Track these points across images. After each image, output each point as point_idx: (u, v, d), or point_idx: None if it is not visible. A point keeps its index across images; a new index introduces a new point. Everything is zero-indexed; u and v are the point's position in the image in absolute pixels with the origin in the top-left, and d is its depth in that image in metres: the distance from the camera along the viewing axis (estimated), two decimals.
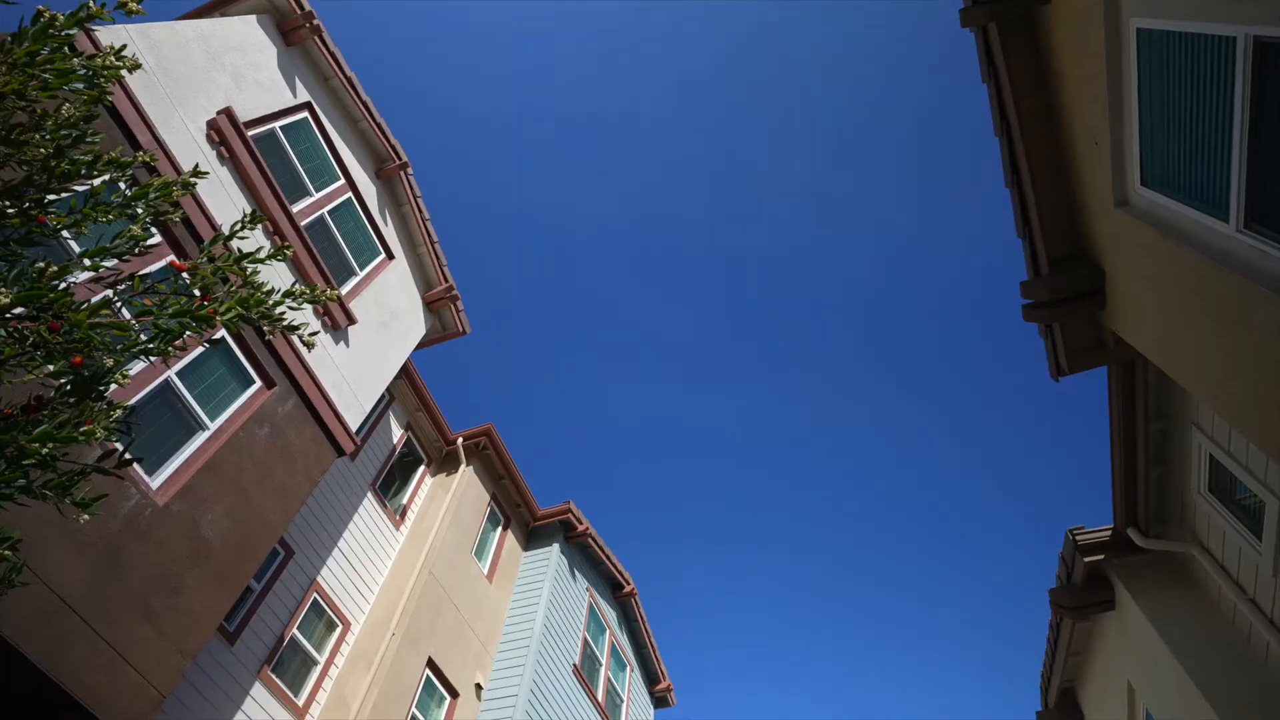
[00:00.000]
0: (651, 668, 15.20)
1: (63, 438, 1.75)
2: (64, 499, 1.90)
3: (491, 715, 9.94)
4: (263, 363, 7.09)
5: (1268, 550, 5.06)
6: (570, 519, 12.97)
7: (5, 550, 1.78)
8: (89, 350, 1.83)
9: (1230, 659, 5.62)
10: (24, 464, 1.73)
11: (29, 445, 1.70)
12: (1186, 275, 3.49)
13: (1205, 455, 5.55)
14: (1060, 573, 6.98)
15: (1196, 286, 3.44)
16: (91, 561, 5.04)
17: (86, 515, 1.98)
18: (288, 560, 8.26)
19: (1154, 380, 5.61)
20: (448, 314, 10.73)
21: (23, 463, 1.73)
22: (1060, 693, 8.79)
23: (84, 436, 1.82)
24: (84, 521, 1.93)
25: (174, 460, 6.05)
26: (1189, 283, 3.49)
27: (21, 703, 4.77)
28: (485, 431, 11.99)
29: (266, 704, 7.48)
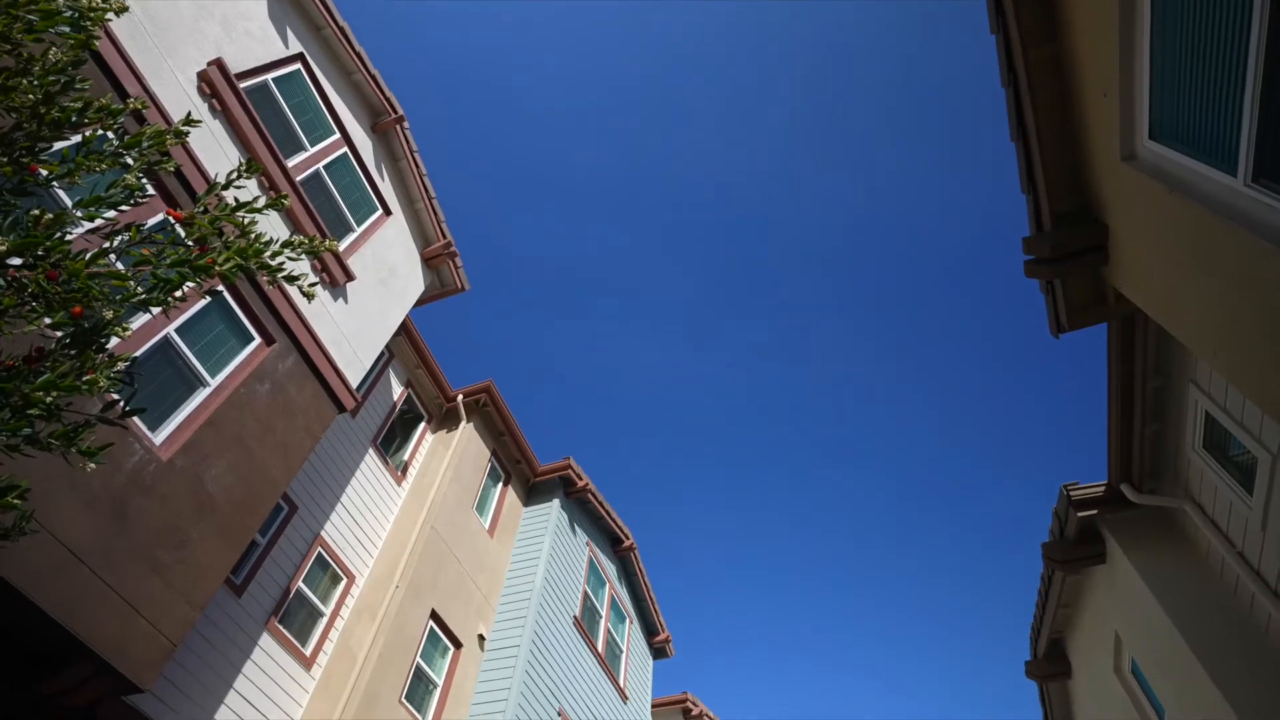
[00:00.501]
0: (650, 620, 15.54)
1: (66, 387, 1.75)
2: (70, 448, 1.91)
3: (494, 665, 10.19)
4: (262, 319, 7.07)
5: (1258, 505, 5.14)
6: (570, 475, 13.11)
7: (14, 499, 1.80)
8: (88, 301, 1.82)
9: (1216, 610, 5.75)
10: (29, 413, 1.73)
11: (33, 394, 1.70)
12: (1191, 230, 3.46)
13: (1201, 412, 5.59)
14: (1053, 527, 7.09)
15: (1200, 241, 3.41)
16: (98, 515, 5.11)
17: (93, 464, 1.99)
18: (291, 515, 8.37)
19: (1153, 337, 5.62)
20: (446, 270, 10.67)
21: (28, 412, 1.73)
22: (1049, 643, 9.01)
23: (87, 386, 1.82)
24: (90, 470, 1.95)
25: (176, 416, 6.08)
26: (1193, 237, 3.47)
27: (36, 652, 4.89)
28: (485, 388, 12.03)
29: (275, 653, 7.66)
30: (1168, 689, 6.19)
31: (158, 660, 5.32)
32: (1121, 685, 7.31)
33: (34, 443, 1.90)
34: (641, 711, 14.04)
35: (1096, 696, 8.22)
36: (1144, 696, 6.99)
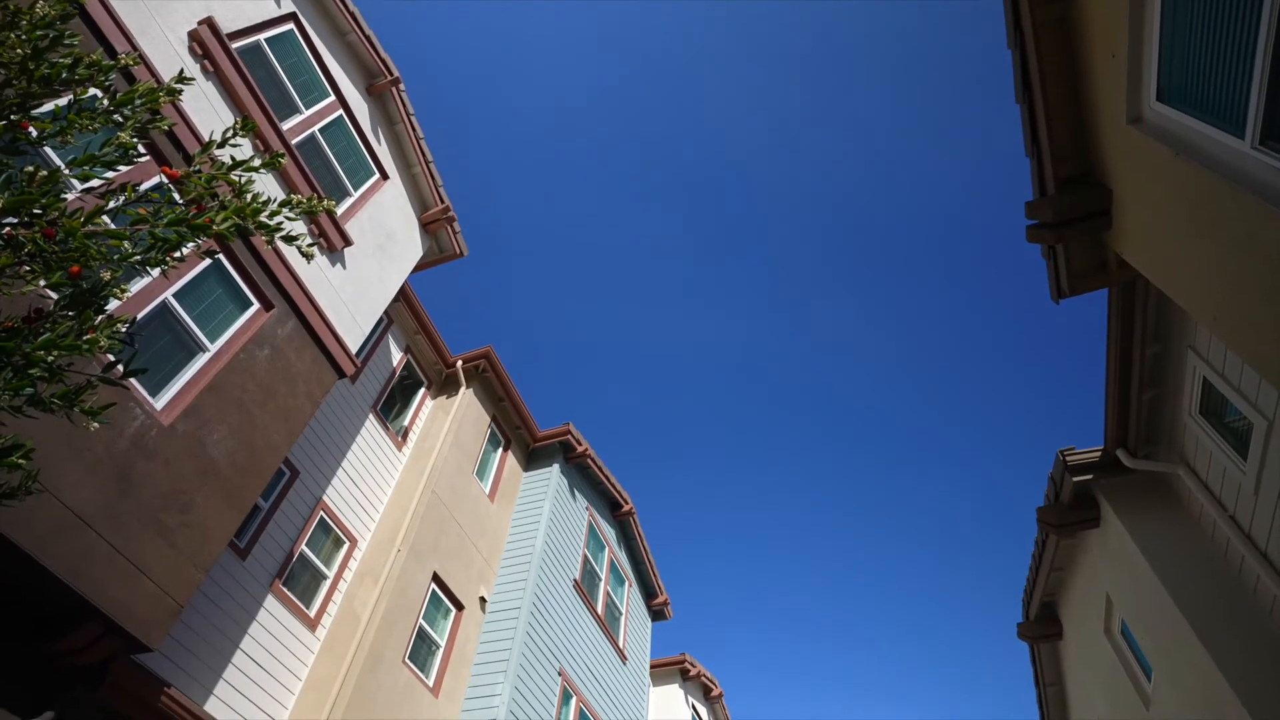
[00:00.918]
0: (649, 583, 15.76)
1: (67, 346, 1.75)
2: (72, 408, 1.91)
3: (496, 626, 10.36)
4: (260, 285, 7.04)
5: (1251, 470, 5.18)
6: (570, 440, 13.18)
7: (19, 459, 1.81)
8: (85, 260, 1.80)
9: (1206, 572, 5.84)
10: (30, 373, 1.73)
11: (34, 354, 1.70)
12: (1196, 193, 3.43)
13: (1199, 378, 5.61)
14: (1049, 492, 7.16)
15: (1205, 205, 3.39)
16: (102, 479, 5.15)
17: (96, 424, 2.00)
18: (293, 480, 8.43)
19: (1153, 303, 5.62)
20: (444, 235, 10.60)
21: (29, 371, 1.73)
22: (1041, 606, 9.16)
23: (88, 346, 1.82)
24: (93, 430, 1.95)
25: (176, 381, 6.09)
26: (1197, 201, 3.44)
27: (46, 612, 4.96)
28: (484, 354, 12.04)
29: (280, 615, 7.78)
30: (1156, 649, 6.32)
31: (165, 620, 5.41)
32: (1110, 646, 7.45)
33: (37, 404, 1.90)
34: (640, 672, 14.33)
35: (1086, 657, 8.39)
36: (1132, 656, 7.14)
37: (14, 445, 1.80)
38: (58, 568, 4.69)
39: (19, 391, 1.74)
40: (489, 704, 9.32)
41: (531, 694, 9.93)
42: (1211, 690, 5.34)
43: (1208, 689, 5.40)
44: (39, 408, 1.91)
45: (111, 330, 1.87)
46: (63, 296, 1.91)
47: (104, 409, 1.96)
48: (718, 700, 20.21)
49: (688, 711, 18.26)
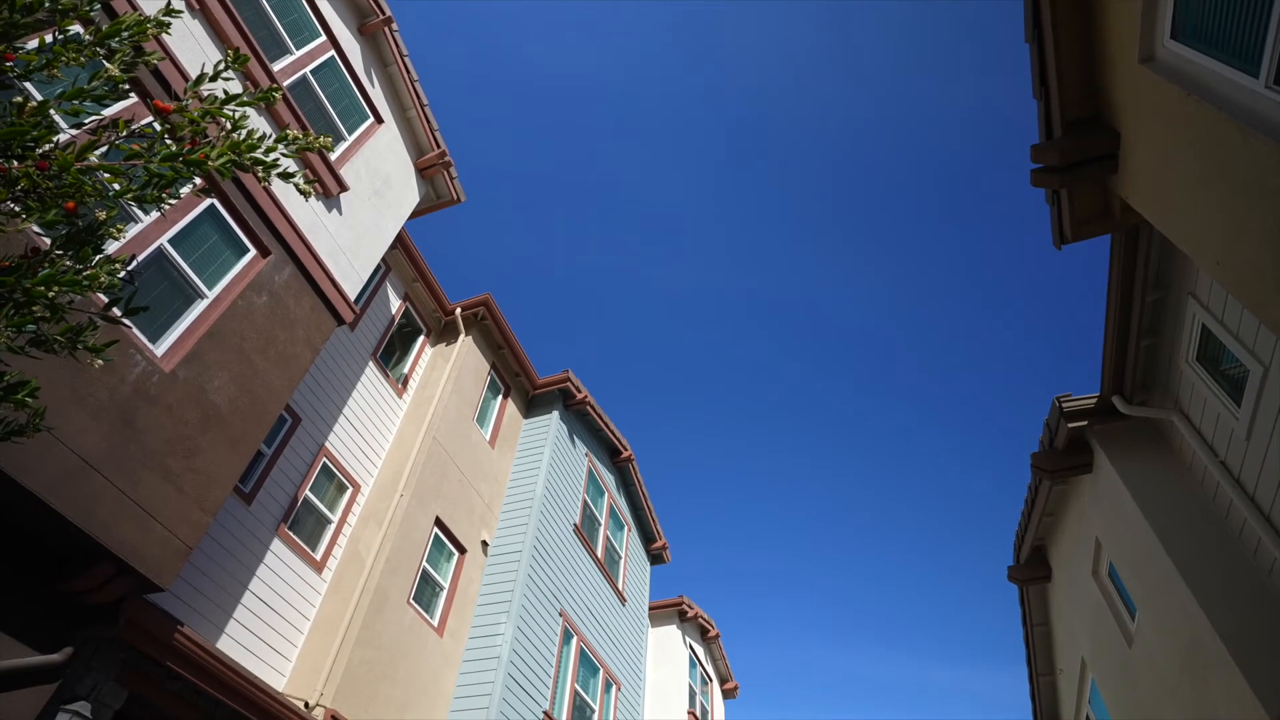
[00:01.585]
0: (648, 528, 16.06)
1: (67, 281, 1.74)
2: (75, 346, 1.91)
3: (498, 569, 10.60)
4: (256, 231, 6.97)
5: (1245, 416, 5.24)
6: (569, 387, 13.25)
7: (25, 396, 1.82)
8: (81, 196, 1.78)
9: (1194, 516, 5.95)
10: (31, 309, 1.73)
11: (35, 289, 1.69)
12: (1205, 135, 3.38)
13: (1198, 325, 5.62)
14: (1043, 438, 7.24)
15: (1214, 147, 3.34)
16: (106, 425, 5.19)
17: (100, 361, 2.00)
18: (295, 427, 8.50)
19: (1156, 250, 5.59)
20: (441, 181, 10.45)
21: (30, 308, 1.72)
22: (1032, 550, 9.36)
23: (88, 282, 1.81)
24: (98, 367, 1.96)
25: (176, 328, 6.09)
26: (1207, 143, 3.39)
27: (59, 554, 5.06)
28: (483, 301, 12.00)
29: (286, 558, 7.94)
30: (1141, 590, 6.48)
31: (174, 561, 5.52)
32: (1097, 587, 7.65)
33: (39, 344, 1.91)
34: (639, 613, 14.72)
35: (1073, 598, 8.62)
36: (1118, 597, 7.33)
37: (20, 382, 1.81)
38: (68, 510, 4.77)
39: (21, 329, 1.74)
40: (492, 643, 9.60)
41: (534, 633, 10.23)
42: (1193, 628, 5.51)
43: (1190, 627, 5.57)
44: (41, 348, 1.91)
45: (111, 268, 1.86)
46: (59, 236, 1.89)
47: (107, 346, 1.96)
48: (714, 640, 20.83)
49: (685, 651, 18.84)
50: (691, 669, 18.98)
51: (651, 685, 17.45)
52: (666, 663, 18.24)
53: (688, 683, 18.30)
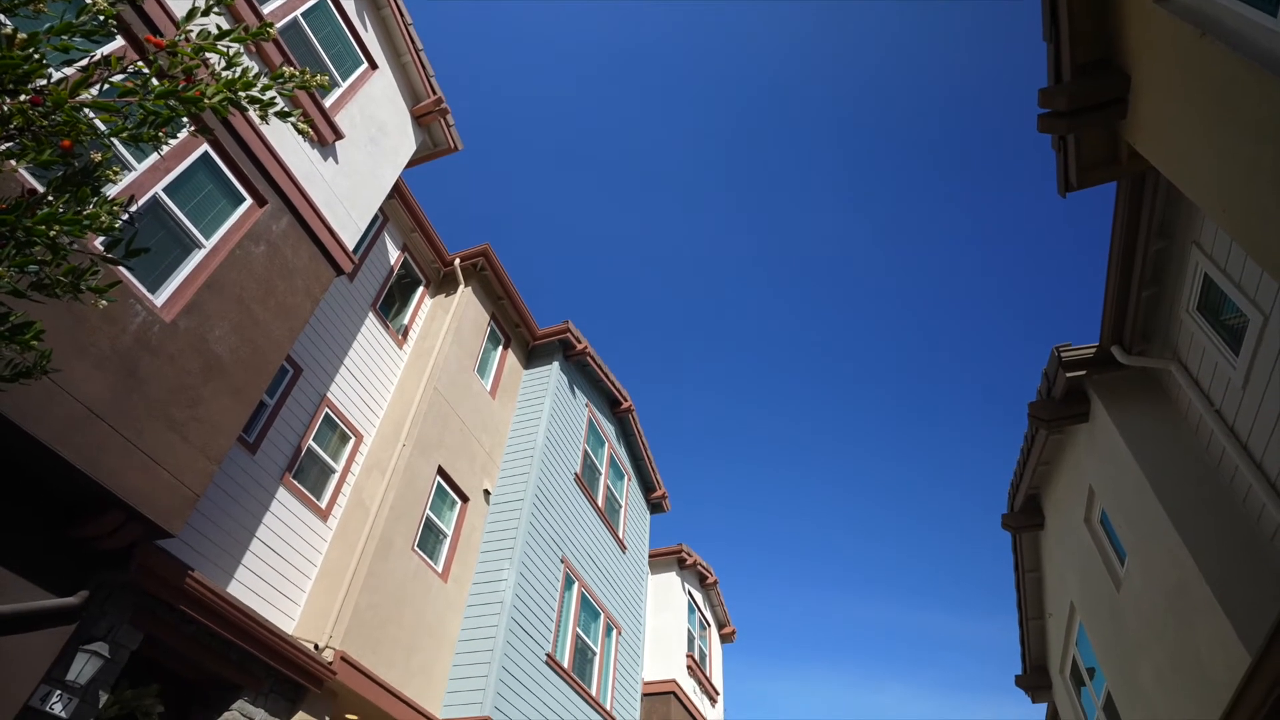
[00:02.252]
0: (648, 477, 16.27)
1: (68, 220, 1.73)
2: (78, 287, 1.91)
3: (500, 517, 10.78)
4: (251, 180, 6.89)
5: (1242, 365, 5.26)
6: (569, 338, 13.26)
7: (30, 339, 1.82)
8: (76, 134, 1.75)
9: (1187, 464, 6.03)
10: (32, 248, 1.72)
11: (35, 228, 1.68)
12: (1219, 76, 3.31)
13: (1200, 274, 5.61)
14: (1041, 388, 7.28)
15: (1227, 88, 3.28)
16: (110, 375, 5.21)
17: (104, 302, 2.00)
18: (297, 377, 8.54)
19: (1161, 198, 5.53)
20: (438, 128, 10.27)
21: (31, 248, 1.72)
22: (1026, 498, 9.51)
23: (88, 222, 1.79)
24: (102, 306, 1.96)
25: (175, 277, 6.06)
26: (1220, 85, 3.33)
27: (69, 501, 5.14)
28: (482, 252, 11.92)
29: (291, 506, 8.07)
30: (1132, 536, 6.61)
31: (182, 508, 5.61)
32: (1089, 534, 7.80)
33: (40, 288, 1.90)
34: (639, 560, 15.03)
35: (1064, 545, 8.79)
36: (1109, 542, 7.48)
37: (25, 323, 1.81)
38: (75, 459, 4.83)
39: (23, 269, 1.73)
40: (496, 589, 9.82)
41: (536, 579, 10.46)
42: (1180, 572, 5.64)
43: (1177, 571, 5.70)
44: (43, 291, 1.91)
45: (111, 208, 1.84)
46: (55, 178, 1.86)
47: (110, 286, 1.96)
48: (713, 587, 21.30)
49: (684, 597, 19.30)
50: (690, 614, 19.47)
51: (651, 630, 17.93)
52: (666, 608, 18.70)
53: (686, 627, 18.79)
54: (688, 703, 17.48)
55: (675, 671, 17.47)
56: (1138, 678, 7.03)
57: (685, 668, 17.98)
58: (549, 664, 10.25)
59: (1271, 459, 5.09)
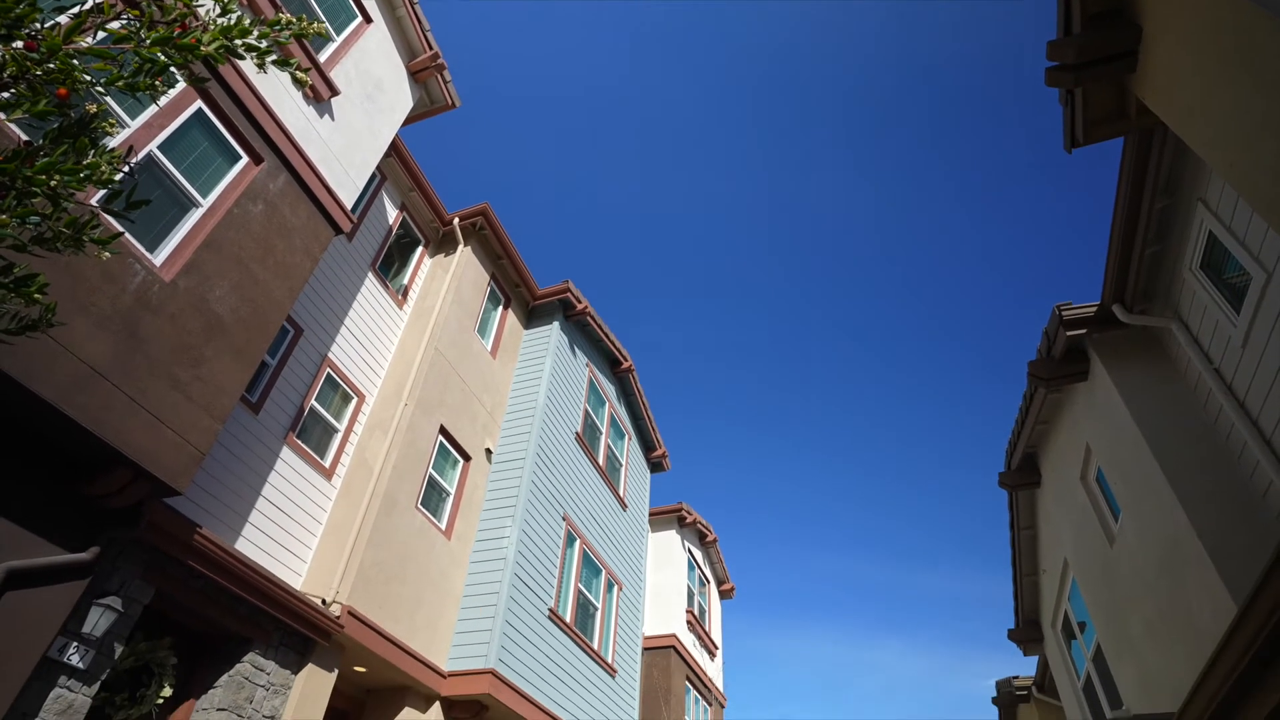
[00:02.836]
0: (648, 437, 16.40)
1: (68, 170, 1.71)
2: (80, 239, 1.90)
3: (502, 476, 10.90)
4: (247, 137, 6.80)
5: (1243, 323, 5.27)
6: (569, 298, 13.24)
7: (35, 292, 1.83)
8: (72, 82, 1.73)
9: (1184, 421, 6.08)
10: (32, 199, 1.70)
11: (36, 177, 1.66)
12: (1231, 26, 3.25)
13: (1205, 232, 5.57)
14: (1041, 347, 7.29)
15: (1241, 39, 3.22)
16: (111, 334, 5.22)
17: (107, 254, 2.00)
18: (298, 338, 8.54)
19: (1168, 156, 5.47)
20: (434, 85, 10.09)
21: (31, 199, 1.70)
22: (1023, 457, 9.59)
23: (89, 171, 1.78)
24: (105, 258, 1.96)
25: (173, 237, 6.03)
26: (1234, 35, 3.27)
27: (77, 459, 5.20)
28: (481, 211, 11.82)
29: (296, 465, 8.15)
30: (1127, 492, 6.69)
31: (188, 466, 5.67)
32: (1085, 491, 7.89)
33: (41, 242, 1.90)
34: (640, 518, 15.23)
35: (1060, 502, 8.91)
36: (1104, 500, 7.58)
37: (29, 275, 1.81)
38: (81, 417, 4.86)
39: (25, 220, 1.73)
40: (499, 545, 9.98)
41: (538, 536, 10.62)
42: (1173, 527, 5.72)
43: (1170, 526, 5.79)
44: (44, 246, 1.90)
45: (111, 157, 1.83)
46: (51, 130, 1.84)
47: (113, 238, 1.95)
48: (712, 545, 21.65)
49: (684, 555, 19.63)
50: (690, 571, 19.82)
51: (652, 586, 18.27)
52: (666, 565, 19.03)
53: (686, 584, 19.14)
54: (687, 656, 17.90)
55: (675, 626, 17.86)
56: (1128, 630, 7.19)
57: (685, 623, 18.38)
58: (552, 618, 10.47)
59: (1268, 416, 5.13)
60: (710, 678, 19.42)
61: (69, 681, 5.06)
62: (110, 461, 5.20)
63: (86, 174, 1.77)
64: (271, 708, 6.70)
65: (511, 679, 9.10)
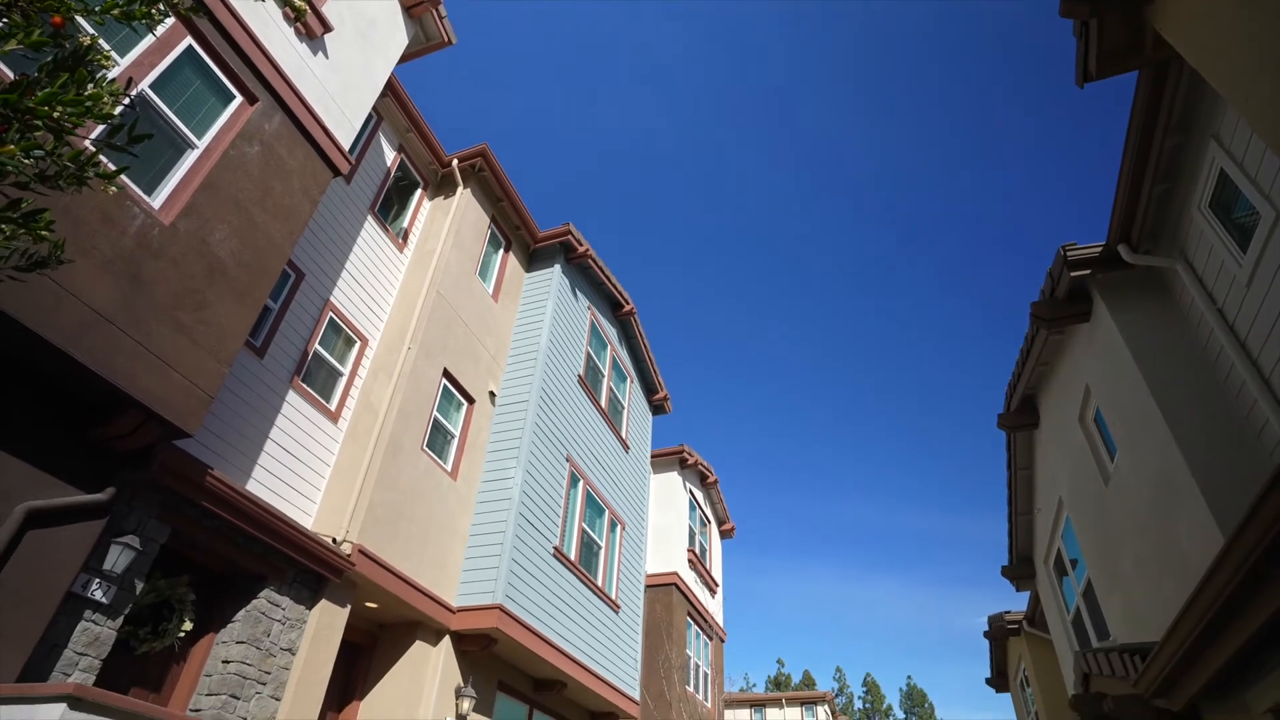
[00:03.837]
0: (650, 380, 16.50)
1: (69, 101, 1.69)
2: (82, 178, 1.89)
3: (506, 418, 11.02)
4: (240, 76, 6.64)
5: (1249, 263, 5.25)
6: (570, 240, 13.13)
7: (42, 228, 1.83)
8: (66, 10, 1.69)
9: (1184, 362, 6.11)
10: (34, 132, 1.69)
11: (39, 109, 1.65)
12: None
13: (1216, 170, 5.50)
14: (1045, 287, 7.27)
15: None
16: (114, 278, 5.21)
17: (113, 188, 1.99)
18: (299, 282, 8.52)
19: (1183, 92, 5.35)
20: (430, 20, 9.80)
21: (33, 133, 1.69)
22: (1022, 399, 9.67)
23: (91, 102, 1.76)
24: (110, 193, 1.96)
25: (170, 179, 5.96)
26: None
27: (88, 403, 5.26)
28: (480, 152, 11.62)
29: (302, 408, 8.24)
30: (1124, 432, 6.78)
31: (197, 409, 5.74)
32: (1082, 432, 7.99)
33: (43, 180, 1.89)
34: (642, 460, 15.45)
35: (1057, 442, 9.02)
36: (1100, 440, 7.67)
37: (37, 210, 1.81)
38: (90, 361, 4.90)
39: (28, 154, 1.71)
40: (504, 485, 10.16)
41: (542, 477, 10.80)
42: (1167, 464, 5.81)
43: (1164, 463, 5.88)
44: (47, 184, 1.89)
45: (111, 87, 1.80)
46: (46, 63, 1.81)
47: (118, 172, 1.94)
48: (713, 486, 22.01)
49: (686, 496, 19.98)
50: (691, 512, 20.21)
51: (654, 527, 18.66)
52: (668, 505, 19.40)
53: (688, 524, 19.55)
54: (689, 593, 18.42)
55: (677, 564, 18.32)
56: (1118, 566, 7.38)
57: (686, 561, 18.84)
58: (556, 556, 10.74)
59: (1268, 356, 5.15)
60: (711, 613, 20.02)
61: (94, 615, 5.24)
62: (120, 404, 5.26)
63: (89, 105, 1.75)
64: (288, 640, 6.94)
65: (518, 614, 9.39)
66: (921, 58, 40.38)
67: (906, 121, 41.78)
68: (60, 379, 5.06)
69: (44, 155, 1.78)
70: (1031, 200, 45.74)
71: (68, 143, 1.81)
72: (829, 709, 35.20)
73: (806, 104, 44.12)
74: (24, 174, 1.75)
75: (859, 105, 42.67)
